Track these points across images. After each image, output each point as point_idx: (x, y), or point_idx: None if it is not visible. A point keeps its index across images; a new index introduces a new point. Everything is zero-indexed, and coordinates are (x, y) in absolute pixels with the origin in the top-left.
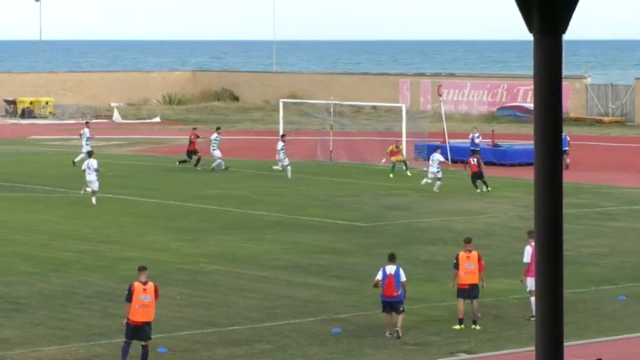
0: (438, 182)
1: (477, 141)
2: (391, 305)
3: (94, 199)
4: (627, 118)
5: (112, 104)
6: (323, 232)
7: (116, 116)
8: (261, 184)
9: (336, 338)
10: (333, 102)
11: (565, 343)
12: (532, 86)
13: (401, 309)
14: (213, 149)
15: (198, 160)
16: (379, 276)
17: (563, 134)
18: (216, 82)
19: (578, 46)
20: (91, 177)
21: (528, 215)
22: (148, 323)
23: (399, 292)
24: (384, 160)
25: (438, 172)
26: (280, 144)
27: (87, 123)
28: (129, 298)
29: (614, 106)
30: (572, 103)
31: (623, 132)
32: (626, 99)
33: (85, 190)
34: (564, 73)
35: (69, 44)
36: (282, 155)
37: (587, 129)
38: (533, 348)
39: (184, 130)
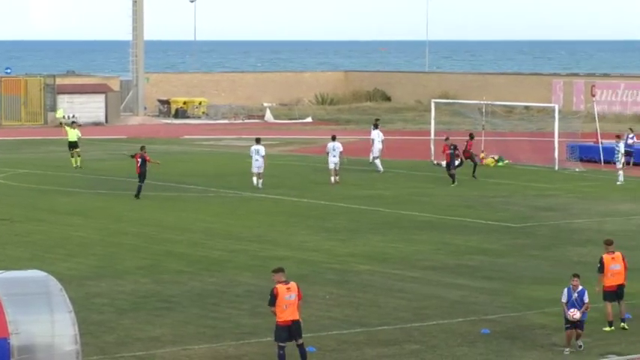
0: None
1: (630, 142)
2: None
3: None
4: None
5: (265, 104)
6: (473, 233)
7: (268, 116)
8: (412, 184)
9: (486, 339)
10: (485, 102)
11: None
12: None
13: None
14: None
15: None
16: (564, 298)
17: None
18: (369, 82)
19: None
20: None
21: None
22: (298, 321)
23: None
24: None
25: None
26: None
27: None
28: (272, 302)
29: None
30: None
31: None
32: None
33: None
34: None
35: (216, 45)
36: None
37: None
38: None
39: (336, 130)
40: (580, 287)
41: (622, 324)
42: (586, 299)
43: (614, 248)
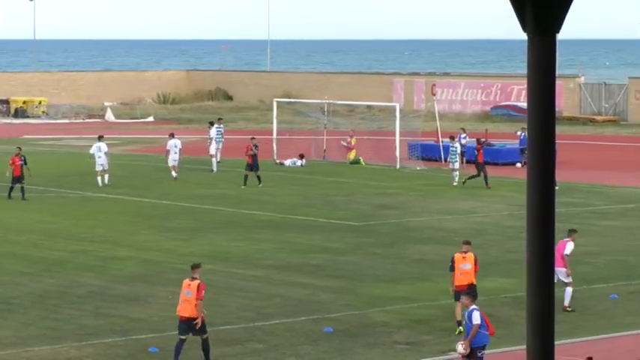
0: None
1: (462, 142)
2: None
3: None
4: (620, 117)
5: (106, 104)
6: (316, 232)
7: (109, 115)
8: (254, 183)
9: (329, 337)
10: (327, 101)
11: (556, 342)
12: (526, 85)
13: (478, 355)
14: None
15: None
16: (477, 319)
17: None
18: (210, 81)
19: (571, 45)
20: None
21: (521, 214)
22: (191, 319)
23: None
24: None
25: None
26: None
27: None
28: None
29: (607, 105)
30: (565, 102)
31: (617, 131)
32: (620, 98)
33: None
34: (558, 72)
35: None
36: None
37: (581, 128)
38: (525, 347)
39: (178, 130)
40: (472, 306)
41: (460, 329)
42: (475, 321)
43: (467, 249)
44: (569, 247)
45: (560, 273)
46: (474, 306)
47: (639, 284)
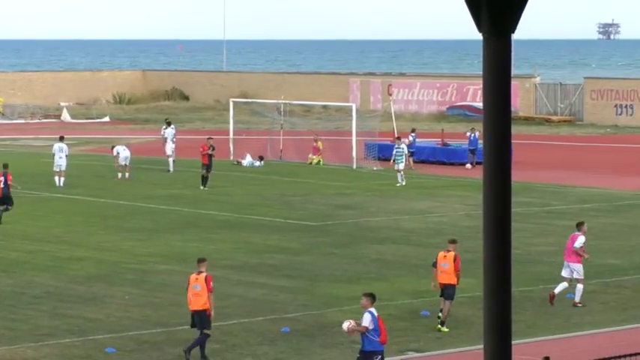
0: None
1: (407, 141)
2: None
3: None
4: (576, 117)
5: (62, 104)
6: (273, 232)
7: (64, 116)
8: (211, 183)
9: (286, 337)
10: (284, 101)
11: (513, 342)
12: (481, 85)
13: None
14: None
15: None
16: (366, 321)
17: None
18: (167, 81)
19: (527, 46)
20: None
21: (478, 214)
22: (201, 311)
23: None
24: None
25: None
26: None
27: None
28: (186, 288)
29: (562, 105)
30: (521, 102)
31: (572, 131)
32: (575, 98)
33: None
34: (513, 72)
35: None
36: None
37: (536, 128)
38: (482, 346)
39: (134, 130)
40: (369, 308)
41: (439, 326)
42: (364, 322)
43: (451, 248)
44: (579, 240)
45: (575, 269)
46: (371, 308)
47: (596, 284)
